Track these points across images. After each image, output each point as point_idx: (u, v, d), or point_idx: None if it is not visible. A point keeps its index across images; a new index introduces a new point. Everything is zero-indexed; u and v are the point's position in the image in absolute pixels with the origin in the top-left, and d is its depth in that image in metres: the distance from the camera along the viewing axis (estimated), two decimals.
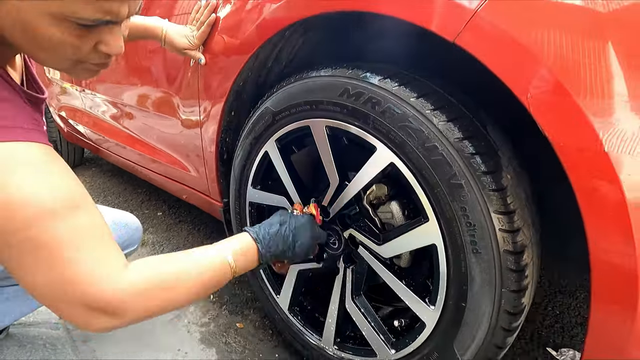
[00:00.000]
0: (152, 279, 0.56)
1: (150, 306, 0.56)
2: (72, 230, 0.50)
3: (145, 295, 0.55)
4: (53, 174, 0.50)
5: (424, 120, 0.61)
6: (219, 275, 0.64)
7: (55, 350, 1.00)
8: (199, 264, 0.62)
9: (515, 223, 0.59)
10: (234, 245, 0.68)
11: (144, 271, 0.56)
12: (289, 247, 0.72)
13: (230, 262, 0.65)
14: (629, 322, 0.51)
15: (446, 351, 0.68)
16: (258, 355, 1.03)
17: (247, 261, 0.68)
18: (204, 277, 0.62)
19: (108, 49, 0.52)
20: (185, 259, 0.62)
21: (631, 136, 0.46)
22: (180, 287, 0.59)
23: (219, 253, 0.65)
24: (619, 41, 0.47)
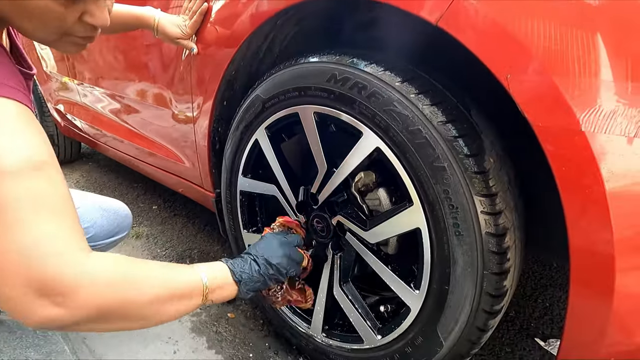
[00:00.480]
0: (118, 272, 0.49)
1: (107, 301, 0.46)
2: (28, 193, 0.43)
3: (105, 286, 0.46)
4: (23, 134, 0.45)
5: (409, 104, 0.62)
6: (191, 297, 0.57)
7: (45, 338, 1.01)
8: (172, 276, 0.56)
9: (497, 205, 0.59)
10: (212, 273, 0.61)
11: (110, 262, 0.49)
12: (265, 279, 0.67)
13: (204, 288, 0.58)
14: (606, 306, 0.52)
15: (430, 335, 0.68)
16: (248, 344, 1.04)
17: (223, 293, 0.62)
18: (174, 290, 0.54)
19: (93, 19, 0.52)
20: (159, 266, 0.56)
21: (607, 116, 0.47)
22: (147, 291, 0.51)
23: (196, 275, 0.59)
24: (600, 23, 0.47)
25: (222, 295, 0.62)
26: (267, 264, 0.68)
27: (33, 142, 0.46)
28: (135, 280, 0.50)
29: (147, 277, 0.52)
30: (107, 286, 0.46)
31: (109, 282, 0.47)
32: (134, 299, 0.49)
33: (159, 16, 0.97)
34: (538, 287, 1.21)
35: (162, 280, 0.54)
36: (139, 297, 0.50)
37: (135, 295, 0.50)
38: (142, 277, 0.52)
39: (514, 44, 0.50)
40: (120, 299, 0.48)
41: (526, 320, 1.08)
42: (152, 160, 1.45)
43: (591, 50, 0.47)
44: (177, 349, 1.01)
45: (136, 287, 0.50)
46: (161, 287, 0.53)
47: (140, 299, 0.50)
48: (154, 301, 0.52)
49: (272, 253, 0.69)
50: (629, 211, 0.49)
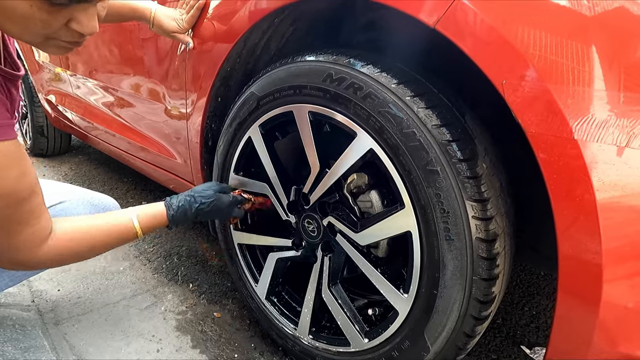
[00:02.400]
0: (65, 250, 0.73)
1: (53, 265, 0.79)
2: (15, 214, 0.64)
3: (56, 261, 0.74)
4: (10, 170, 0.60)
5: (404, 107, 0.62)
6: (124, 234, 0.80)
7: (24, 332, 0.98)
8: (109, 233, 0.79)
9: (488, 211, 0.59)
10: (144, 209, 0.83)
11: (60, 242, 0.72)
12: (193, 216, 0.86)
13: (135, 224, 0.81)
14: (593, 315, 0.52)
15: (417, 339, 0.68)
16: (234, 344, 1.02)
17: (156, 222, 0.84)
18: (110, 241, 0.79)
19: (80, 27, 0.50)
20: (100, 225, 0.78)
21: (600, 125, 0.47)
22: (86, 253, 0.77)
23: (127, 215, 0.81)
24: (594, 34, 0.48)
25: (153, 225, 0.84)
26: (194, 200, 0.86)
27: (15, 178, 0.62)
28: (81, 250, 0.76)
29: (90, 245, 0.77)
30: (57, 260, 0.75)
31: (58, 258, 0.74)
32: (79, 258, 0.78)
33: (155, 9, 0.96)
34: (525, 295, 1.22)
35: (101, 243, 0.78)
36: (82, 258, 0.78)
37: (79, 258, 0.78)
38: (85, 245, 0.76)
39: (510, 50, 0.50)
40: (69, 261, 0.77)
41: (513, 328, 1.09)
42: (143, 155, 1.43)
43: (585, 60, 0.47)
44: (161, 348, 0.99)
45: (79, 256, 0.77)
46: (101, 248, 0.79)
47: (84, 256, 0.79)
48: (95, 252, 0.80)
49: (202, 195, 0.87)
50: (618, 221, 0.49)
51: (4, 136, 0.58)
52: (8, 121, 0.59)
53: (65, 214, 0.92)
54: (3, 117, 0.56)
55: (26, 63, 2.17)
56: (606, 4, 0.48)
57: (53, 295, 1.16)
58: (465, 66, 0.55)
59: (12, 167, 0.60)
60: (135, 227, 0.80)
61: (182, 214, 0.84)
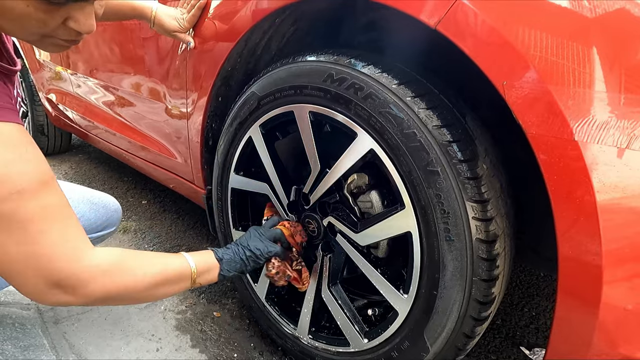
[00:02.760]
0: (117, 264, 0.59)
1: (109, 290, 0.58)
2: (42, 208, 0.52)
3: (107, 277, 0.57)
4: (26, 154, 0.52)
5: (404, 107, 0.62)
6: (180, 278, 0.68)
7: (24, 330, 0.98)
8: (164, 263, 0.66)
9: (488, 212, 0.59)
10: (199, 259, 0.72)
11: (110, 255, 0.59)
12: (246, 267, 0.77)
13: (192, 270, 0.69)
14: (592, 316, 0.52)
15: (417, 340, 0.68)
16: (233, 343, 1.02)
17: (209, 276, 0.73)
18: (167, 274, 0.65)
19: (77, 26, 0.50)
20: (152, 255, 0.67)
21: (600, 126, 0.47)
22: (143, 278, 0.61)
23: (183, 260, 0.69)
24: (595, 35, 0.48)
25: (208, 277, 0.72)
26: (244, 247, 0.78)
27: (36, 161, 0.54)
28: (132, 271, 0.61)
29: (142, 267, 0.62)
30: (108, 278, 0.57)
31: (108, 275, 0.57)
32: (131, 286, 0.60)
33: (156, 8, 0.96)
34: (525, 296, 1.22)
35: (155, 269, 0.64)
36: (135, 284, 0.61)
37: (132, 283, 0.60)
38: (137, 267, 0.62)
39: (511, 51, 0.50)
40: (119, 288, 0.58)
41: (512, 329, 1.09)
42: (143, 155, 1.43)
43: (586, 61, 0.47)
44: (160, 347, 0.99)
45: (132, 276, 0.61)
46: (155, 275, 0.63)
47: (136, 286, 0.61)
48: (148, 287, 0.62)
49: (249, 240, 0.79)
50: (619, 223, 0.49)
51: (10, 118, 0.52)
52: (12, 106, 0.55)
53: None
54: (5, 101, 0.53)
55: (27, 62, 2.17)
56: (607, 5, 0.48)
57: None
58: (465, 67, 0.55)
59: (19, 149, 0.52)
60: (193, 272, 0.69)
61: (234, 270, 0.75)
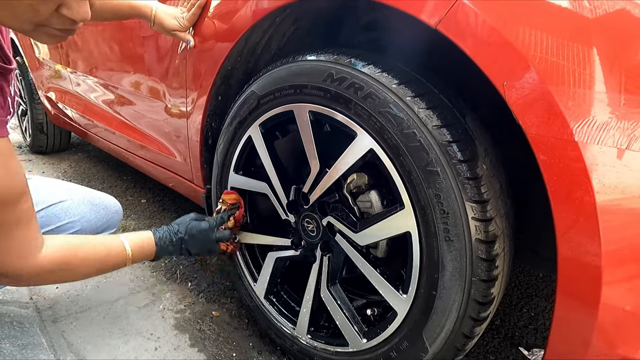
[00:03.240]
0: (58, 264, 0.71)
1: (49, 281, 0.79)
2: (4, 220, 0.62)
3: (48, 275, 0.71)
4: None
5: (404, 107, 0.62)
6: (115, 261, 0.81)
7: (22, 329, 0.98)
8: (105, 255, 0.78)
9: (488, 212, 0.59)
10: (135, 237, 0.84)
11: (54, 255, 0.70)
12: (180, 252, 0.90)
13: (127, 252, 0.81)
14: (592, 317, 0.52)
15: (416, 340, 0.68)
16: (232, 343, 1.02)
17: (144, 254, 0.86)
18: (105, 261, 0.79)
19: (71, 13, 0.49)
20: (94, 244, 0.78)
21: (600, 127, 0.47)
22: (81, 269, 0.76)
23: (121, 242, 0.82)
24: (595, 36, 0.48)
25: (142, 257, 0.86)
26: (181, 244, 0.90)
27: (8, 179, 0.60)
28: (73, 269, 0.75)
29: (83, 261, 0.75)
30: (48, 276, 0.72)
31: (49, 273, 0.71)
32: (69, 278, 0.79)
33: (156, 7, 0.96)
34: (524, 297, 1.22)
35: (94, 264, 0.77)
36: (73, 277, 0.79)
37: (71, 277, 0.79)
38: (78, 265, 0.75)
39: (511, 52, 0.50)
40: (57, 281, 0.81)
41: (511, 329, 1.09)
42: (143, 153, 1.43)
43: (586, 62, 0.47)
44: (159, 346, 0.99)
45: (72, 274, 0.76)
46: (93, 269, 0.79)
47: (74, 277, 0.79)
48: (87, 275, 0.80)
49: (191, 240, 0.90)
50: (618, 224, 0.49)
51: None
52: (1, 118, 0.57)
53: (66, 213, 0.92)
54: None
55: (26, 60, 2.17)
56: (607, 6, 0.47)
57: (51, 292, 1.16)
58: (466, 67, 0.55)
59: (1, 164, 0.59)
60: (127, 252, 0.81)
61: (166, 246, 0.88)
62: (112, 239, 0.82)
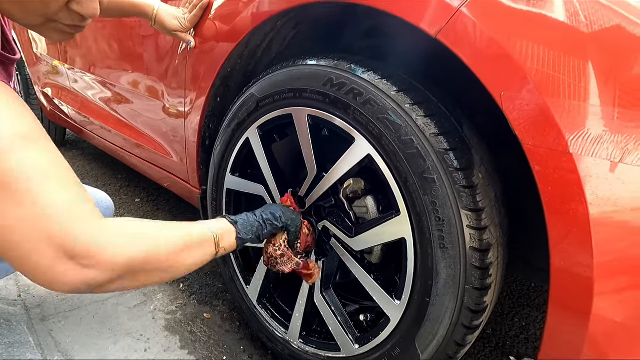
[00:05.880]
0: (135, 227, 0.53)
1: (132, 256, 0.48)
2: (34, 164, 0.43)
3: (126, 240, 0.49)
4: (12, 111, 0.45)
5: (403, 114, 0.62)
6: (203, 242, 0.62)
7: (9, 327, 0.96)
8: (184, 226, 0.60)
9: (483, 221, 0.60)
10: (216, 225, 0.66)
11: (126, 220, 0.53)
12: (262, 230, 0.71)
13: (214, 233, 0.63)
14: (583, 328, 0.52)
15: (408, 347, 0.68)
16: (223, 346, 1.01)
17: (229, 241, 0.67)
18: (190, 238, 0.59)
19: (80, 9, 0.49)
20: (167, 224, 0.59)
21: (595, 140, 0.48)
22: (166, 241, 0.55)
23: (202, 225, 0.64)
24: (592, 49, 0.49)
25: (228, 242, 0.66)
26: (262, 211, 0.73)
27: (25, 119, 0.46)
28: (152, 235, 0.54)
29: (161, 231, 0.56)
30: (128, 243, 0.49)
31: (128, 239, 0.50)
32: (154, 251, 0.53)
33: (158, 6, 0.96)
34: (515, 306, 1.22)
35: (175, 233, 0.57)
36: (158, 249, 0.53)
37: (155, 248, 0.53)
38: (156, 231, 0.55)
39: (510, 63, 0.50)
40: (142, 253, 0.50)
41: (502, 338, 1.09)
42: (138, 152, 1.43)
43: (582, 75, 0.48)
44: (149, 347, 0.98)
45: (153, 241, 0.54)
46: (176, 238, 0.57)
47: (159, 251, 0.53)
48: (172, 252, 0.55)
49: (265, 208, 0.75)
50: (611, 236, 0.49)
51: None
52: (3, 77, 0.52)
53: None
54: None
55: (24, 55, 2.15)
56: (603, 21, 0.48)
57: (40, 290, 1.14)
58: (463, 76, 0.55)
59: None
60: (215, 236, 0.63)
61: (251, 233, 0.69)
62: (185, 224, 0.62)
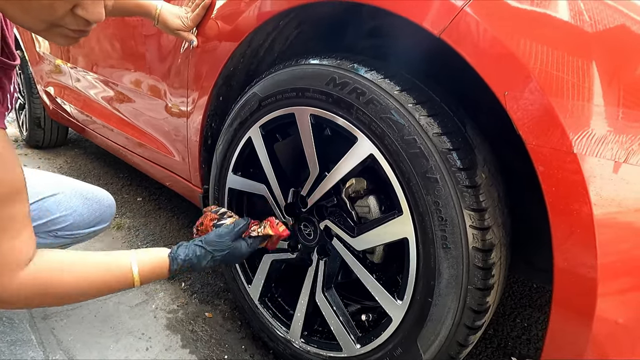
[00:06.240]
0: (43, 287, 0.60)
1: (33, 303, 0.65)
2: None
3: (27, 299, 0.60)
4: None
5: (406, 114, 0.62)
6: (118, 283, 0.68)
7: (11, 325, 0.96)
8: (103, 272, 0.66)
9: (485, 221, 0.60)
10: (145, 257, 0.70)
11: (38, 275, 0.60)
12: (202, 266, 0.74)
13: (134, 273, 0.68)
14: (586, 329, 0.52)
15: (410, 347, 0.68)
16: (224, 345, 1.01)
17: (155, 275, 0.71)
18: (103, 283, 0.66)
19: (85, 14, 0.49)
20: (92, 263, 0.66)
21: (599, 140, 0.47)
22: (72, 295, 0.64)
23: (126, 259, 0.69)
24: (596, 49, 0.48)
25: (152, 277, 0.71)
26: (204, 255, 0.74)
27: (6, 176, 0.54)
28: (61, 293, 0.63)
29: (76, 286, 0.64)
30: (28, 302, 0.62)
31: (30, 298, 0.61)
32: (55, 303, 0.65)
33: (161, 5, 0.96)
34: (517, 307, 1.22)
35: (90, 286, 0.65)
36: (60, 302, 0.65)
37: (58, 302, 0.65)
38: (68, 289, 0.63)
39: (514, 62, 0.50)
40: (42, 303, 0.64)
41: (504, 339, 1.09)
42: (140, 151, 1.43)
43: (586, 75, 0.48)
44: (150, 346, 0.98)
45: (61, 296, 0.63)
46: (89, 290, 0.66)
47: (62, 302, 0.65)
48: (79, 299, 0.67)
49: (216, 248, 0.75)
50: (614, 237, 0.49)
51: None
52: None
53: (57, 206, 0.90)
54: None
55: (26, 54, 2.16)
56: (608, 21, 0.48)
57: None
58: (467, 75, 0.55)
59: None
60: (134, 276, 0.68)
61: (187, 268, 0.73)
62: (119, 256, 0.69)
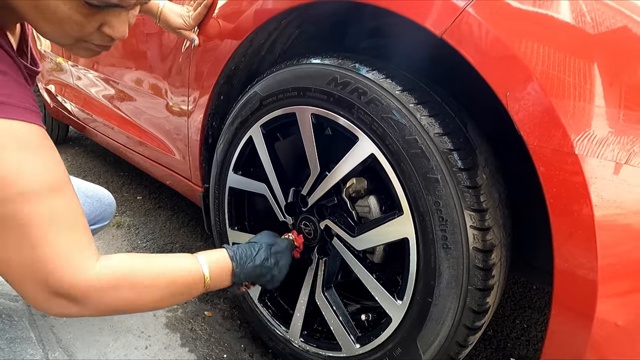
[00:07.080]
0: (123, 278, 0.56)
1: (113, 304, 0.55)
2: (49, 213, 0.50)
3: (111, 292, 0.55)
4: (41, 157, 0.50)
5: (407, 114, 0.62)
6: (191, 286, 0.63)
7: (11, 322, 0.96)
8: (173, 272, 0.61)
9: (486, 221, 0.60)
10: (211, 258, 0.67)
11: (116, 268, 0.56)
12: (266, 272, 0.71)
13: (205, 276, 0.64)
14: (586, 330, 0.52)
15: (410, 347, 0.68)
16: (223, 344, 1.01)
17: (222, 279, 0.68)
18: (175, 286, 0.61)
19: (112, 32, 0.52)
20: (161, 264, 0.61)
21: (600, 141, 0.47)
22: (150, 292, 0.59)
23: (195, 264, 0.64)
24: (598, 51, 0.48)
25: (221, 284, 0.68)
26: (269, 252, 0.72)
27: (51, 165, 0.51)
28: (139, 286, 0.57)
29: (151, 282, 0.58)
30: (111, 293, 0.55)
31: (112, 290, 0.55)
32: (137, 301, 0.58)
33: (163, 4, 0.96)
34: (517, 308, 1.22)
35: (164, 283, 0.60)
36: (141, 300, 0.58)
37: (139, 299, 0.58)
38: (146, 281, 0.58)
39: (516, 63, 0.50)
40: (124, 302, 0.56)
41: (503, 340, 1.09)
42: (141, 150, 1.43)
43: (587, 77, 0.48)
44: (149, 344, 0.98)
45: (138, 293, 0.57)
46: (164, 290, 0.60)
47: (142, 302, 0.58)
48: (157, 301, 0.60)
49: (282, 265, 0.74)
50: (615, 238, 0.49)
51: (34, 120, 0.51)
52: (36, 109, 0.54)
53: None
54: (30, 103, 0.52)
55: None
56: (610, 22, 0.48)
57: None
58: (468, 76, 0.55)
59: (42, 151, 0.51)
60: (205, 277, 0.64)
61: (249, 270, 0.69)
62: (183, 256, 0.65)
